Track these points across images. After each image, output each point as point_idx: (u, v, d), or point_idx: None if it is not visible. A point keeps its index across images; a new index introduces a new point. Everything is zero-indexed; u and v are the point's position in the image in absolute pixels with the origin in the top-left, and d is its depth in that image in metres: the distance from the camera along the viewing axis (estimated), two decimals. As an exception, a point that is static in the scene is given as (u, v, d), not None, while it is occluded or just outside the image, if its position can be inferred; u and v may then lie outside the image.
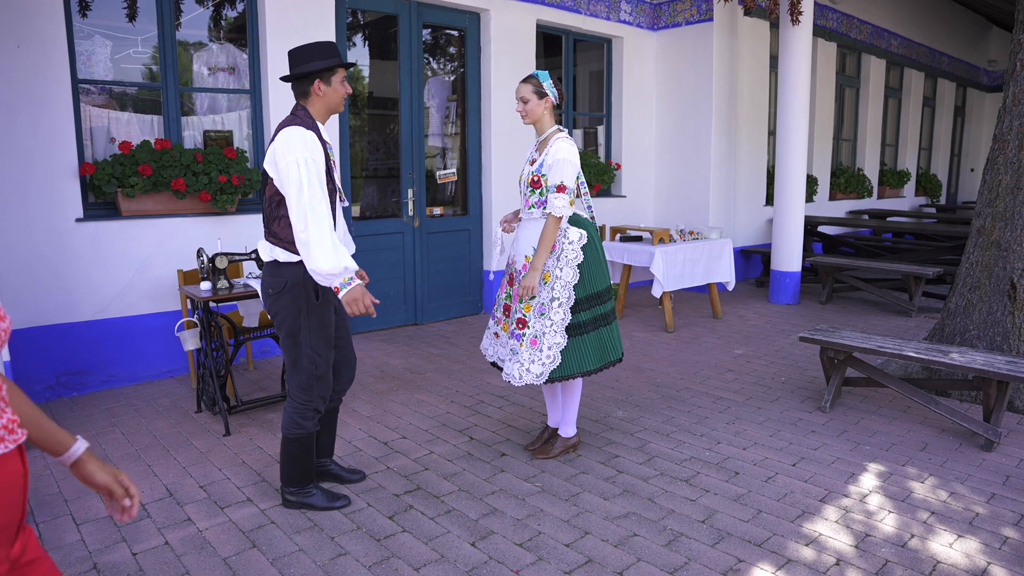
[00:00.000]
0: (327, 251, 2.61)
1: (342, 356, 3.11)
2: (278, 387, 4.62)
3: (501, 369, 3.44)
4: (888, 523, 2.85)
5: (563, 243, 3.27)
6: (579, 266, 3.28)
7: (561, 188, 3.18)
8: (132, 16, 4.75)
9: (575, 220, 3.33)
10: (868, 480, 3.24)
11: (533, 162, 3.34)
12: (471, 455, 3.57)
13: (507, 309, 3.43)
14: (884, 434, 3.80)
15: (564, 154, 3.21)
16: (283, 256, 2.78)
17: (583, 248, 3.29)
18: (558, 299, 3.24)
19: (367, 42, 6.23)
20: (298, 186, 2.62)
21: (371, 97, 6.33)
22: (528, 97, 3.28)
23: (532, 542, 2.74)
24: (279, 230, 2.77)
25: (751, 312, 6.94)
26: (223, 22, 5.21)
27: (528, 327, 3.26)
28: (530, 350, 3.25)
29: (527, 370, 3.24)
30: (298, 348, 2.84)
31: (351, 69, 2.95)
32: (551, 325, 3.24)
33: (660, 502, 3.04)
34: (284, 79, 2.88)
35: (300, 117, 2.78)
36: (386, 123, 6.27)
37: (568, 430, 3.56)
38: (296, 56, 2.82)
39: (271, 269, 2.83)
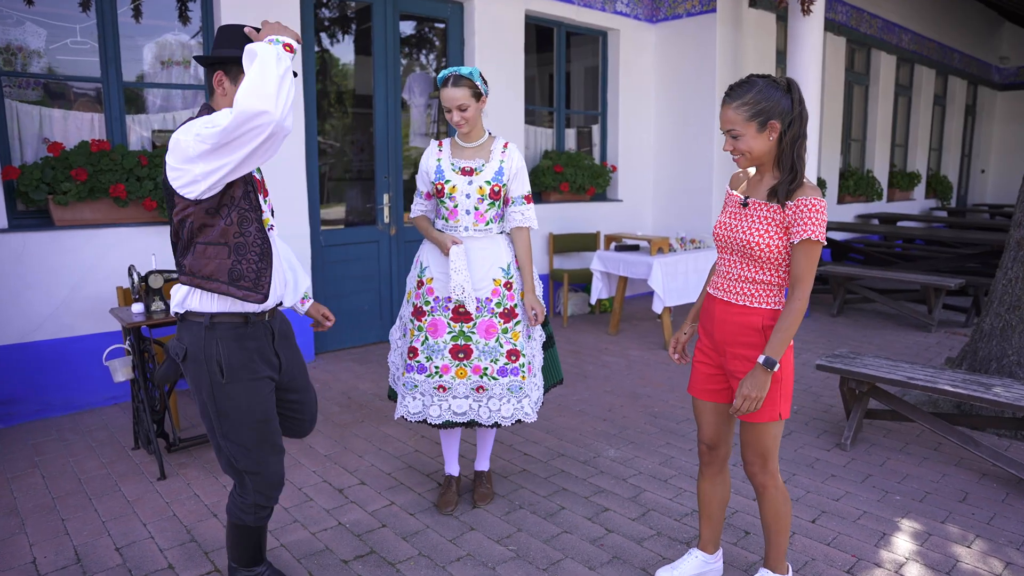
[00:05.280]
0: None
1: (296, 412, 2.42)
2: (230, 417, 4.12)
3: (458, 424, 2.87)
4: (933, 606, 2.36)
5: None
6: None
7: (529, 198, 2.95)
8: (72, 2, 4.25)
9: None
10: (902, 543, 2.74)
11: (470, 172, 2.83)
12: (437, 507, 3.07)
13: (459, 351, 2.84)
14: (915, 479, 3.30)
15: (521, 161, 2.93)
16: (196, 303, 2.09)
17: None
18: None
19: (343, 35, 5.73)
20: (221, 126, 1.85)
21: (345, 94, 5.83)
22: (467, 103, 2.70)
23: (499, 633, 2.24)
24: (193, 262, 2.05)
25: (757, 326, 6.42)
26: (174, 10, 4.71)
27: (523, 355, 2.91)
28: (532, 378, 2.96)
29: (534, 402, 2.96)
30: (212, 434, 2.17)
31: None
32: (536, 345, 3.05)
33: (654, 572, 2.54)
34: (197, 59, 2.20)
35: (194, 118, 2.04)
36: (362, 122, 5.77)
37: (487, 463, 3.24)
38: (217, 36, 2.12)
39: (179, 326, 2.17)
